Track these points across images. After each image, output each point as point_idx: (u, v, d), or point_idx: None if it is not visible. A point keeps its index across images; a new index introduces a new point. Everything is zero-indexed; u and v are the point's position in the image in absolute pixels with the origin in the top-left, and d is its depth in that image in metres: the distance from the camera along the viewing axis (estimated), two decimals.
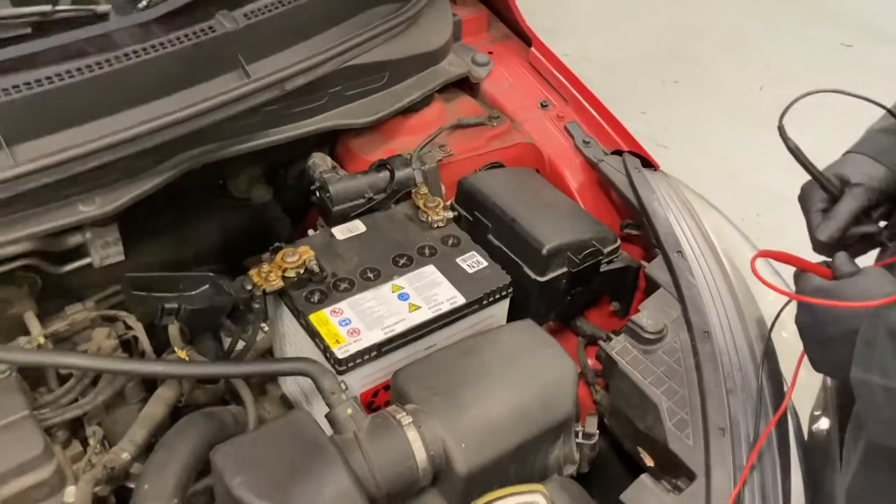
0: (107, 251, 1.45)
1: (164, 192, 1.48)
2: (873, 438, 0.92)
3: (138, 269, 1.41)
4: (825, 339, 0.93)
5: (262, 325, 1.44)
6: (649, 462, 1.27)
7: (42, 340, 1.26)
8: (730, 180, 3.24)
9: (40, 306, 1.36)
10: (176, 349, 1.26)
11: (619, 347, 1.27)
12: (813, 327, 0.95)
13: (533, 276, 1.38)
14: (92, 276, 1.45)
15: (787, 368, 1.23)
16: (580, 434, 1.21)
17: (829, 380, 1.30)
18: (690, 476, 1.13)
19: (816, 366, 1.00)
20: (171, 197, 1.53)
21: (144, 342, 1.32)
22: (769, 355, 1.24)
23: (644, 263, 1.41)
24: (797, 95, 1.01)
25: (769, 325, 1.22)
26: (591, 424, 1.23)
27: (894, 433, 0.85)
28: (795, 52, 4.22)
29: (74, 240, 1.41)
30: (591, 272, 1.41)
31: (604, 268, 1.43)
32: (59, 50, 1.22)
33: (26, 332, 1.28)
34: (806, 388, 1.25)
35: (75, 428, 1.22)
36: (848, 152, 1.10)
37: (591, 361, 1.47)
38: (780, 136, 1.02)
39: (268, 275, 1.24)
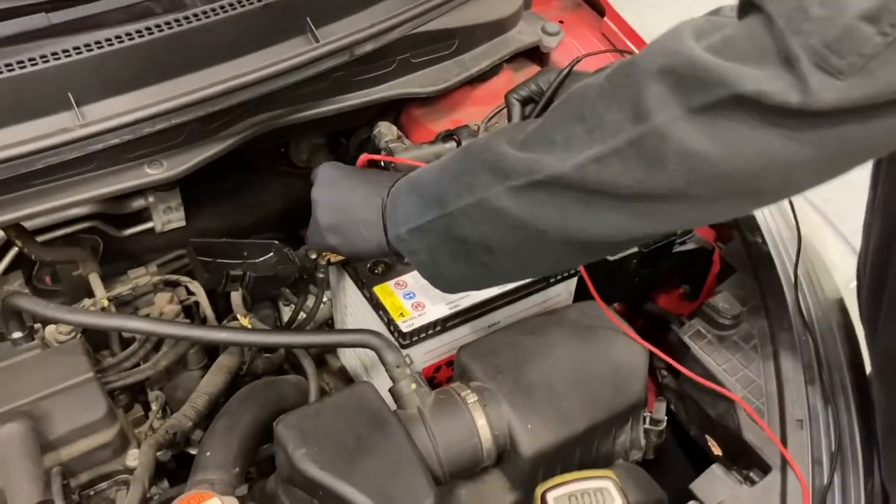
0: (169, 216, 1.45)
1: (226, 159, 1.48)
2: (438, 288, 0.96)
3: (198, 234, 1.41)
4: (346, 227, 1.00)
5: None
6: (717, 451, 1.23)
7: (106, 303, 1.26)
8: None
9: (101, 270, 1.36)
10: (238, 316, 1.25)
11: (693, 332, 1.22)
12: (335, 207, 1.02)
13: None
14: (153, 241, 1.45)
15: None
16: (647, 420, 1.17)
17: None
18: (764, 468, 1.09)
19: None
20: (232, 163, 1.52)
21: (206, 308, 1.31)
22: (852, 343, 1.18)
23: (720, 245, 1.35)
24: None
25: (851, 311, 1.17)
26: (660, 410, 1.19)
27: (437, 274, 0.90)
28: None
29: (137, 204, 1.42)
30: (662, 253, 1.35)
31: (676, 249, 1.37)
32: (128, 10, 1.21)
33: (90, 294, 1.28)
34: None
35: (136, 393, 1.22)
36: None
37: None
38: None
39: None
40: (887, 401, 0.99)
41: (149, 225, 1.45)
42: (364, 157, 1.18)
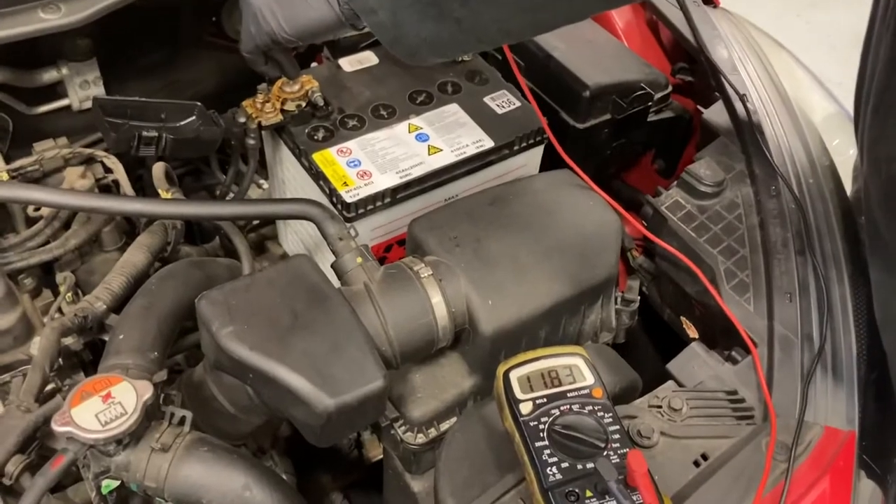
0: (87, 91, 1.30)
1: (150, 27, 1.30)
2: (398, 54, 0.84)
3: None
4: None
5: (261, 181, 1.29)
6: (693, 334, 1.13)
7: (6, 177, 1.10)
8: None
9: (11, 154, 1.19)
10: (160, 192, 1.10)
11: (670, 202, 1.10)
12: None
13: (571, 122, 1.20)
14: (70, 122, 1.30)
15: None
16: (619, 300, 1.06)
17: None
18: (746, 347, 0.99)
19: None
20: (157, 34, 1.35)
21: (125, 184, 1.15)
22: (845, 212, 1.07)
23: (701, 109, 1.22)
24: None
25: (844, 178, 1.06)
26: (632, 289, 1.08)
27: (399, 37, 0.80)
28: None
29: (49, 76, 1.27)
30: (637, 121, 1.23)
31: (651, 118, 1.25)
32: None
33: None
34: None
35: (46, 277, 1.08)
36: None
37: (628, 228, 1.31)
38: None
39: (263, 105, 1.06)
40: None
41: (64, 102, 1.30)
42: None
